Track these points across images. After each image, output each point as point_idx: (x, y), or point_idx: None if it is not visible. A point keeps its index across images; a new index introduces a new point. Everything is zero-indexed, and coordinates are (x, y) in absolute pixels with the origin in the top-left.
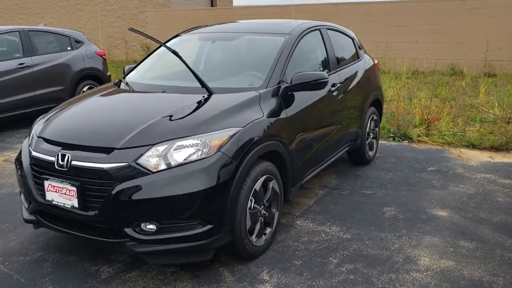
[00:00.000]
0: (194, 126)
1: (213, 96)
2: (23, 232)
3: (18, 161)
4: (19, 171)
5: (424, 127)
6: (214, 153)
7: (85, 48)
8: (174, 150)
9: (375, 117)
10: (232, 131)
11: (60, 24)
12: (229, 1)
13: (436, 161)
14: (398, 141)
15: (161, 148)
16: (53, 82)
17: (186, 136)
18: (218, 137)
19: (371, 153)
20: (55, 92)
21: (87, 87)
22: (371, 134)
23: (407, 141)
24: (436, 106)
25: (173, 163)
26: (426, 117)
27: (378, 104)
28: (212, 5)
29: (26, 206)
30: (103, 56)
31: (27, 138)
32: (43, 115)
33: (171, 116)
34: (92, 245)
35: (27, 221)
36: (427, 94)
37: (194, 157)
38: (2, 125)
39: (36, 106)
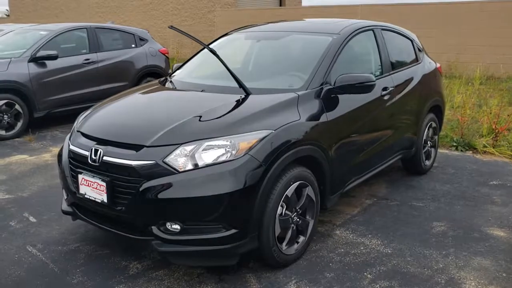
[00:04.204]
0: (223, 127)
1: (250, 97)
2: (65, 222)
3: (60, 154)
4: (60, 163)
5: (491, 137)
6: (242, 156)
7: (149, 46)
8: (202, 150)
9: (433, 124)
10: (262, 133)
11: (134, 22)
12: (298, 1)
13: (501, 175)
14: (461, 151)
15: (189, 147)
16: (117, 78)
17: (215, 137)
18: (247, 139)
19: (427, 163)
20: (118, 88)
21: None
22: (428, 142)
23: (471, 152)
24: (508, 115)
25: (200, 164)
26: (494, 126)
27: (438, 110)
28: (280, 5)
29: (65, 197)
30: (166, 54)
31: (70, 132)
32: (85, 110)
33: (202, 115)
34: (125, 240)
35: (64, 212)
36: (500, 101)
37: (221, 159)
38: (66, 117)
39: (100, 101)
